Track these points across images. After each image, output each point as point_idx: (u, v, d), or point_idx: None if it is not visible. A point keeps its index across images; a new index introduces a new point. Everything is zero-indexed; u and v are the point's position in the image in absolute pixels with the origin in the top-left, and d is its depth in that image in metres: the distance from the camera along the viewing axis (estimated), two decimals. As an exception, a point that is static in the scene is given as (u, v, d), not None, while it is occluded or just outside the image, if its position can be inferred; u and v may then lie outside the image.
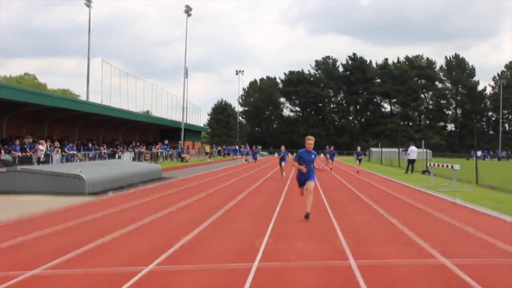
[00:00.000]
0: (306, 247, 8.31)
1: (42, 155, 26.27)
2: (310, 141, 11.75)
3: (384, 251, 7.98)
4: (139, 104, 59.92)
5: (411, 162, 32.37)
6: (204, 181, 23.49)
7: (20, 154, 24.22)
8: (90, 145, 38.66)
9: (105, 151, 36.54)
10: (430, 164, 25.62)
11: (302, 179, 11.86)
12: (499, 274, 6.62)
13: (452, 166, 20.54)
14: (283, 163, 26.52)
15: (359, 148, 36.10)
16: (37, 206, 13.52)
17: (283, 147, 28.06)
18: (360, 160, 34.51)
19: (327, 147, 43.14)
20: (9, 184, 16.46)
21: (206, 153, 63.39)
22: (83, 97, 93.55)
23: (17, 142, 24.80)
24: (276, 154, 47.21)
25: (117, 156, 37.30)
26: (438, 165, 24.20)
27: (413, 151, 32.58)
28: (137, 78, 59.91)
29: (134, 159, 40.70)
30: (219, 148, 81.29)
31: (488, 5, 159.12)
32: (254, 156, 38.35)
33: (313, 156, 11.73)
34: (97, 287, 5.75)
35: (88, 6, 54.13)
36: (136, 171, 22.08)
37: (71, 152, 30.46)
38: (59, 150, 29.79)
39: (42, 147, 26.65)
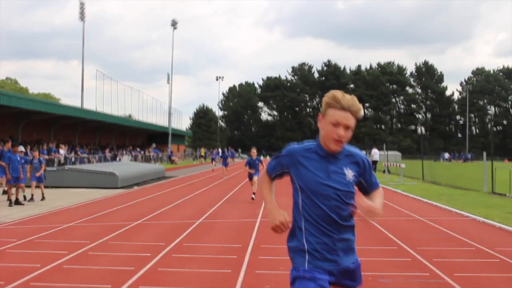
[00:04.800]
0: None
1: (62, 158, 31.18)
2: None
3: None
4: (120, 107, 64.13)
5: (374, 163, 37.83)
6: (201, 179, 28.71)
7: (47, 157, 29.05)
8: (86, 149, 43.55)
9: (109, 154, 41.44)
10: (387, 164, 31.17)
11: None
12: (395, 224, 11.91)
13: (399, 165, 26.11)
14: (254, 177, 16.64)
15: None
16: (90, 195, 18.57)
17: (254, 151, 17.51)
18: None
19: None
20: (59, 180, 21.40)
21: (201, 156, 68.23)
22: (63, 101, 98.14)
23: (45, 146, 29.66)
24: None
25: (118, 159, 42.18)
26: (392, 164, 29.77)
27: (376, 153, 38.06)
28: (118, 82, 64.54)
29: (131, 161, 45.54)
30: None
31: (461, 11, 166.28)
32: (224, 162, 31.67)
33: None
34: (178, 228, 10.88)
35: (82, 20, 58.71)
36: (147, 171, 27.19)
37: (84, 155, 35.37)
38: (72, 153, 34.69)
39: (62, 151, 31.58)
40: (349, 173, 3.15)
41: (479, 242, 9.40)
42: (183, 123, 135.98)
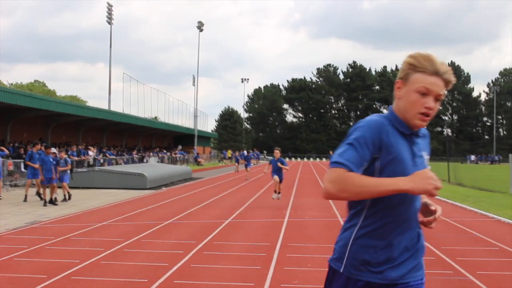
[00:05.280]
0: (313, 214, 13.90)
1: (91, 159, 31.85)
2: None
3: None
4: (146, 109, 65.25)
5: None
6: (227, 181, 29.09)
7: (76, 158, 29.72)
8: (114, 150, 44.25)
9: (136, 156, 42.10)
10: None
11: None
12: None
13: (425, 167, 26.13)
14: (275, 176, 16.34)
15: None
16: (120, 196, 19.06)
17: (277, 151, 16.99)
18: None
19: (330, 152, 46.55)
20: (89, 181, 21.96)
21: (229, 158, 69.46)
22: (89, 103, 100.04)
23: (74, 148, 30.34)
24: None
25: (145, 160, 42.83)
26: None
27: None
28: (144, 85, 65.65)
29: (158, 163, 46.15)
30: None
31: (489, 11, 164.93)
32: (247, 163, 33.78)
33: None
34: (207, 227, 11.23)
35: (110, 23, 59.57)
36: (174, 172, 27.67)
37: (112, 156, 36.04)
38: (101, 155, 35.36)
39: (92, 153, 32.24)
40: (427, 159, 2.50)
41: (503, 242, 9.57)
42: (209, 125, 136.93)
